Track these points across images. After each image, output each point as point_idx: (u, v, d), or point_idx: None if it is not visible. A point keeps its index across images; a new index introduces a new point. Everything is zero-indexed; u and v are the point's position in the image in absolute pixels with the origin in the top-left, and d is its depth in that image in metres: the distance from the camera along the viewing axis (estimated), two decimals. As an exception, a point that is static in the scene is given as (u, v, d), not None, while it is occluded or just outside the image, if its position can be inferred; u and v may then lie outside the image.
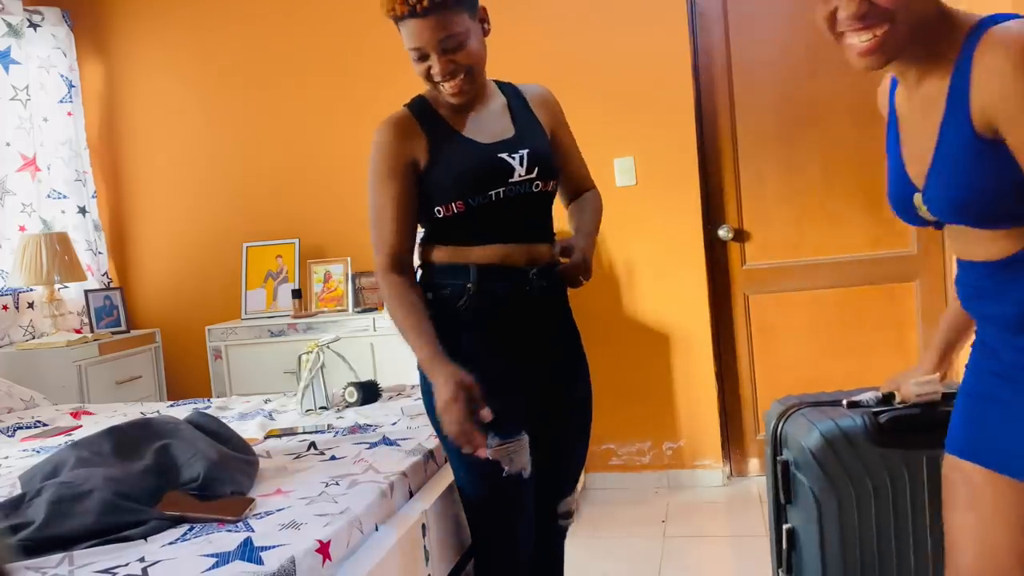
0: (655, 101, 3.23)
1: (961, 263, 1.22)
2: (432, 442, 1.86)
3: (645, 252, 3.30)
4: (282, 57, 3.67)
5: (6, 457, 2.06)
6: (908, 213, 1.23)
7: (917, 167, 1.18)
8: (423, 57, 1.53)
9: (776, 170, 3.27)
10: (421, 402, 2.22)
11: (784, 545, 1.61)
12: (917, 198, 1.19)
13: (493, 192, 1.55)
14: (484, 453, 1.45)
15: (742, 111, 3.28)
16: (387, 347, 3.18)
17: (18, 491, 1.58)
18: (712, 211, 3.32)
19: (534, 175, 1.59)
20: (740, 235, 3.32)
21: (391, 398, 2.38)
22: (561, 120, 1.75)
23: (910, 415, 1.50)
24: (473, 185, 1.55)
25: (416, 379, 2.79)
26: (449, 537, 1.70)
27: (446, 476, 1.78)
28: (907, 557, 1.54)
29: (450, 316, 1.58)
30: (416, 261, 1.67)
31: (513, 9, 3.38)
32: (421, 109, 1.63)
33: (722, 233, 3.31)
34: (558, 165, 1.68)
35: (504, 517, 1.58)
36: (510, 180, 1.57)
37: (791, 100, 3.23)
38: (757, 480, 3.34)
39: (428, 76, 1.55)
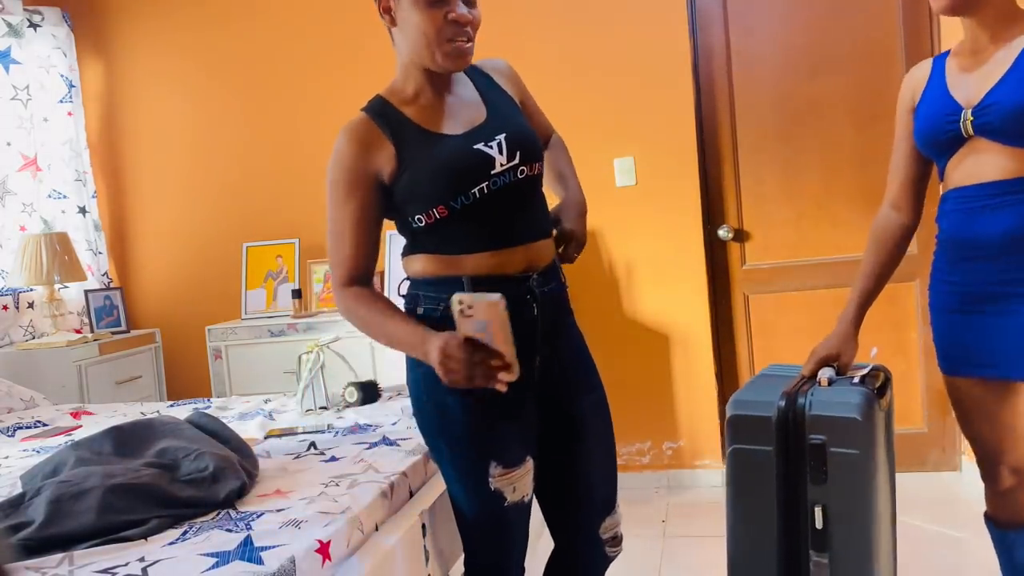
0: (655, 101, 3.23)
1: (961, 189, 1.54)
2: (432, 442, 1.86)
3: (645, 252, 3.30)
4: (282, 57, 3.67)
5: (6, 457, 2.06)
6: (940, 133, 1.52)
7: (974, 90, 1.49)
8: (441, 1, 1.35)
9: (776, 170, 3.27)
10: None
11: (820, 525, 1.63)
12: (965, 113, 1.48)
13: (476, 189, 1.38)
14: (503, 384, 1.29)
15: (742, 111, 3.28)
16: (387, 347, 3.18)
17: (18, 491, 1.58)
18: (712, 211, 3.32)
19: (516, 160, 1.42)
20: (740, 235, 3.32)
21: (391, 398, 2.38)
22: (524, 87, 1.62)
23: (883, 383, 1.68)
24: (453, 185, 1.38)
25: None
26: (449, 537, 1.70)
27: (446, 476, 1.79)
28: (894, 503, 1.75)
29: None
30: (401, 275, 1.54)
31: (513, 9, 3.38)
32: (382, 111, 1.45)
33: (722, 233, 3.30)
34: (538, 140, 1.52)
35: (500, 543, 1.52)
36: (492, 172, 1.40)
37: (791, 100, 3.23)
38: (757, 480, 3.34)
39: (441, 28, 1.37)
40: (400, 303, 1.51)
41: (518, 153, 1.42)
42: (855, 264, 3.22)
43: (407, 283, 1.51)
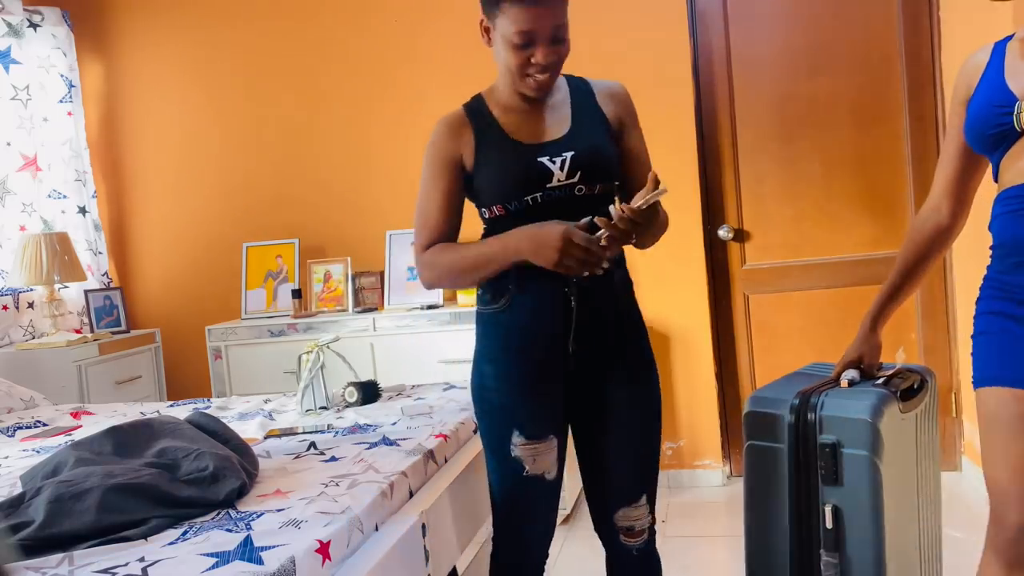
0: (655, 101, 3.22)
1: (1011, 190, 1.39)
2: (432, 442, 1.86)
3: (645, 252, 3.28)
4: (282, 57, 3.67)
5: (6, 457, 2.06)
6: (990, 126, 1.39)
7: None
8: (528, 44, 1.47)
9: (776, 170, 3.27)
10: (421, 402, 2.23)
11: (830, 524, 1.63)
12: (1020, 104, 1.35)
13: (529, 197, 1.53)
14: (604, 257, 1.45)
15: (742, 111, 3.28)
16: (387, 347, 3.19)
17: (18, 491, 1.58)
18: (712, 211, 3.32)
19: (575, 179, 1.54)
20: (740, 235, 3.32)
21: (391, 398, 2.38)
22: (630, 117, 1.68)
23: (911, 387, 1.65)
24: (509, 190, 1.54)
25: (415, 380, 2.79)
26: (449, 537, 1.70)
27: (446, 476, 1.79)
28: (927, 504, 1.69)
29: (493, 314, 1.60)
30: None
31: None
32: (476, 109, 1.62)
33: (722, 233, 3.30)
34: (616, 165, 1.61)
35: (515, 514, 1.63)
36: (547, 185, 1.53)
37: (791, 100, 3.23)
38: (757, 480, 3.34)
39: (522, 65, 1.50)
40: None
41: (579, 172, 1.54)
42: (855, 264, 3.24)
43: None
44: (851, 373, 1.69)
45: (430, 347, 3.12)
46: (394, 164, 3.58)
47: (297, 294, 3.42)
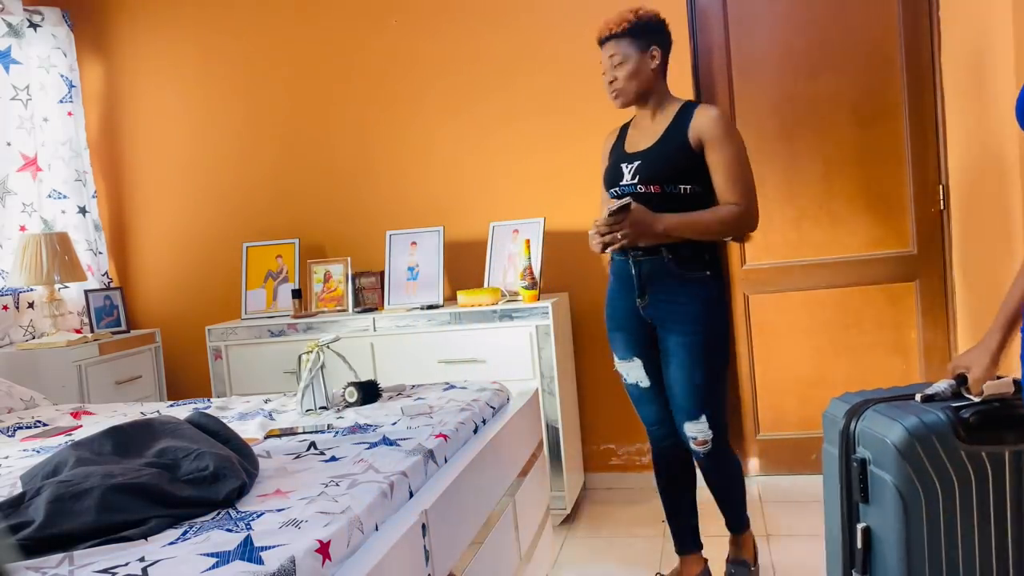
0: (655, 101, 3.22)
1: None
2: (432, 442, 1.86)
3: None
4: (282, 57, 3.67)
5: (6, 457, 2.06)
6: None
7: None
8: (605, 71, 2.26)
9: (776, 170, 3.27)
10: (421, 402, 2.23)
11: (859, 545, 1.57)
12: None
13: (612, 189, 2.28)
14: (607, 243, 2.14)
15: (742, 111, 3.28)
16: (387, 347, 3.19)
17: (18, 491, 1.58)
18: (712, 211, 3.32)
19: (637, 180, 2.21)
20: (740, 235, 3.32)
21: (391, 398, 2.38)
22: (712, 138, 2.16)
23: (993, 410, 1.47)
24: (606, 181, 2.33)
25: (415, 380, 2.79)
26: (449, 537, 1.70)
27: (446, 476, 1.78)
28: (989, 554, 1.51)
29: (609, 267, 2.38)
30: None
31: (513, 11, 3.38)
32: (626, 123, 2.40)
33: (722, 233, 3.30)
34: (682, 174, 2.17)
35: (637, 407, 2.40)
36: (621, 182, 2.25)
37: (791, 100, 3.23)
38: (757, 480, 3.34)
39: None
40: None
41: (638, 175, 2.21)
42: (855, 264, 3.24)
43: None
44: (941, 385, 1.56)
45: (430, 347, 3.12)
46: (394, 164, 3.58)
47: (297, 294, 3.42)
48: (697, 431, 2.22)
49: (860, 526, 1.56)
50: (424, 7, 3.48)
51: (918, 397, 1.57)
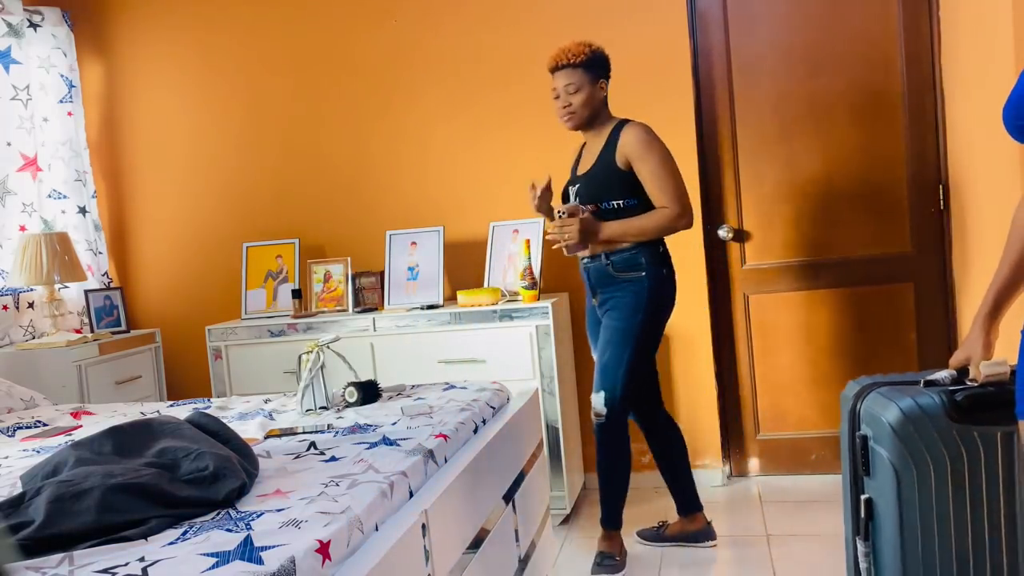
0: (655, 102, 3.23)
1: None
2: (432, 442, 1.86)
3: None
4: (282, 57, 3.67)
5: (6, 457, 2.06)
6: None
7: None
8: (556, 97, 2.58)
9: (776, 170, 3.27)
10: (421, 402, 2.23)
11: (862, 514, 1.72)
12: None
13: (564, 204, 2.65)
14: (558, 242, 2.59)
15: (742, 111, 3.28)
16: (387, 347, 3.19)
17: (18, 491, 1.58)
18: (712, 211, 3.32)
19: (578, 201, 2.59)
20: (740, 235, 3.32)
21: (391, 398, 2.38)
22: (635, 156, 2.48)
23: (985, 393, 1.58)
24: (562, 198, 2.72)
25: (415, 380, 2.79)
26: (449, 537, 1.70)
27: (446, 476, 1.79)
28: (981, 527, 1.62)
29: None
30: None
31: (513, 10, 3.38)
32: (580, 147, 2.73)
33: (722, 233, 3.31)
34: (612, 190, 2.53)
35: None
36: (569, 202, 2.62)
37: (791, 100, 3.23)
38: (757, 480, 3.34)
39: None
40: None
41: (579, 198, 2.60)
42: (855, 264, 3.24)
43: None
44: (942, 373, 1.67)
45: (430, 347, 3.12)
46: (394, 164, 3.58)
47: (297, 294, 3.42)
48: (595, 402, 2.55)
49: (863, 497, 1.71)
50: (424, 7, 3.48)
51: (922, 382, 1.68)
